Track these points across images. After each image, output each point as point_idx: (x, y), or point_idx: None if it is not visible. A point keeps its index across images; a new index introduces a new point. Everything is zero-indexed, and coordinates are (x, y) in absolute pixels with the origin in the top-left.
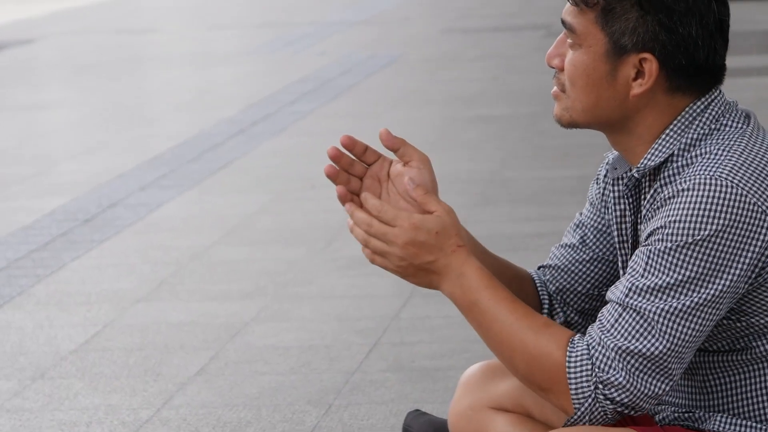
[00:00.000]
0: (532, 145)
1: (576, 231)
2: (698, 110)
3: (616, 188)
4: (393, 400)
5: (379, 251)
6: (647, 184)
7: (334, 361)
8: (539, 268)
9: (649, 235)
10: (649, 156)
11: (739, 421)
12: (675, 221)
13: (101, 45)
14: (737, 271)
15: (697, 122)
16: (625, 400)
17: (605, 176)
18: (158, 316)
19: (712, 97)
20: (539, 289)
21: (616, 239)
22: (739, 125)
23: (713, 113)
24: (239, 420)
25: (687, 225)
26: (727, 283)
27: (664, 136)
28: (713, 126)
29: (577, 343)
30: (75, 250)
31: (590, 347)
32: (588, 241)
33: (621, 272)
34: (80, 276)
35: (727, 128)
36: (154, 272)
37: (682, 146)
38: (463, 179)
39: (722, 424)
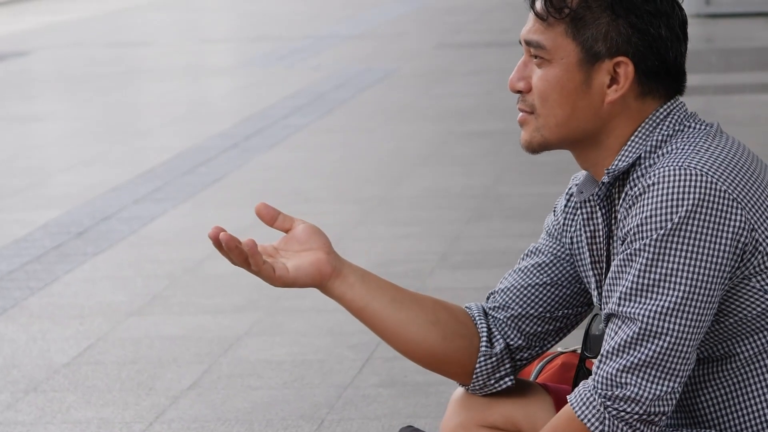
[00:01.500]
0: (525, 161)
1: (532, 256)
2: (662, 115)
3: (584, 210)
4: (386, 416)
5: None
6: (617, 191)
7: (327, 375)
8: (489, 294)
9: (625, 238)
10: (618, 159)
11: None
12: (646, 217)
13: (95, 58)
14: (715, 257)
15: (661, 125)
16: (639, 410)
17: (564, 206)
18: (151, 329)
19: (676, 103)
20: (477, 318)
21: (588, 261)
22: (703, 126)
23: (677, 117)
24: None
25: (658, 218)
26: (708, 270)
27: (630, 141)
28: (677, 128)
29: (573, 393)
30: (68, 263)
31: (588, 382)
32: (545, 266)
33: (595, 293)
34: (73, 289)
35: (691, 129)
36: (147, 286)
37: (649, 148)
38: (456, 194)
39: None
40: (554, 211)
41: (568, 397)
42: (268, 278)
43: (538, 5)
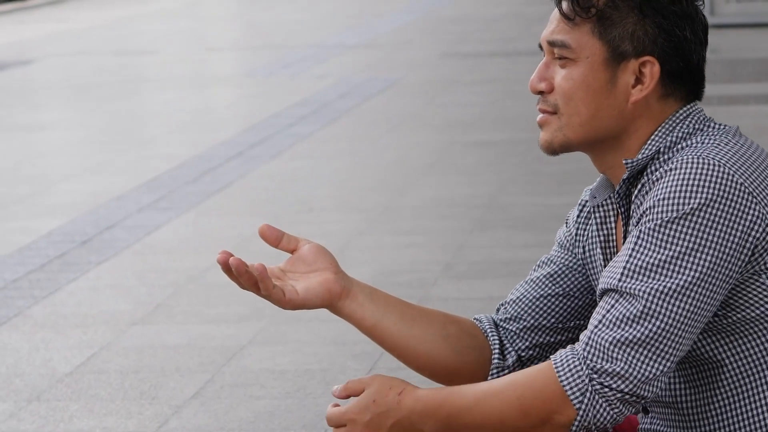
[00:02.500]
0: (529, 171)
1: (544, 267)
2: (682, 116)
3: (598, 214)
4: None
5: None
6: (634, 191)
7: (330, 385)
8: (500, 306)
9: (639, 219)
10: (640, 154)
11: None
12: (661, 199)
13: (99, 66)
14: (726, 249)
15: (681, 125)
16: (625, 388)
17: (577, 217)
18: (154, 338)
19: (695, 106)
20: (488, 330)
21: (602, 267)
22: (723, 126)
23: (697, 118)
24: None
25: (673, 200)
26: (717, 260)
27: (650, 141)
28: (697, 127)
29: (558, 354)
30: (72, 271)
31: (576, 348)
32: (557, 276)
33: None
34: (77, 298)
35: (711, 129)
36: (151, 294)
37: (668, 144)
38: (460, 204)
39: None
40: (566, 222)
41: (552, 357)
42: (278, 302)
43: (565, 5)
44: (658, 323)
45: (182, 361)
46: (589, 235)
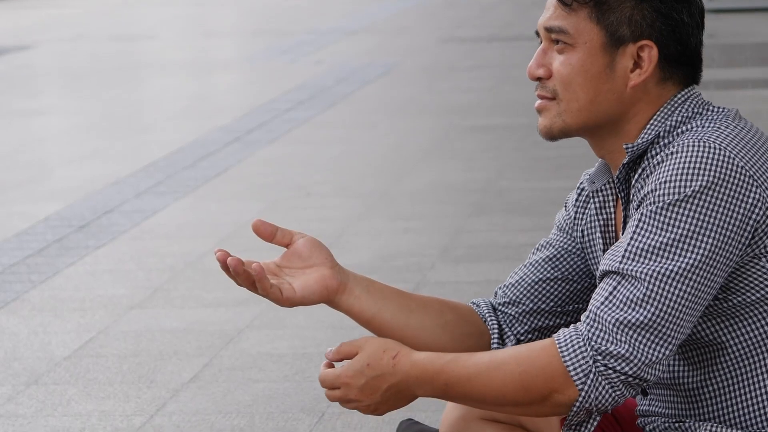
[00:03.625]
0: (527, 156)
1: (543, 250)
2: (681, 100)
3: (597, 199)
4: None
5: (351, 408)
6: (633, 175)
7: None
8: (497, 289)
9: (640, 203)
10: (639, 138)
11: (726, 430)
12: (663, 182)
13: (97, 52)
14: (728, 232)
15: (680, 109)
16: (629, 371)
17: (576, 201)
18: (152, 322)
19: (693, 90)
20: (486, 315)
21: (601, 251)
22: (723, 109)
23: (695, 102)
24: (232, 427)
25: (675, 183)
26: (718, 243)
27: (649, 125)
28: (696, 110)
29: (561, 332)
30: (70, 256)
31: (580, 328)
32: (556, 260)
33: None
34: (74, 282)
35: (710, 112)
36: (149, 279)
37: (668, 128)
38: (458, 189)
39: None
40: (565, 206)
41: (555, 336)
42: (276, 300)
43: None
44: (661, 306)
45: (180, 344)
46: (588, 219)
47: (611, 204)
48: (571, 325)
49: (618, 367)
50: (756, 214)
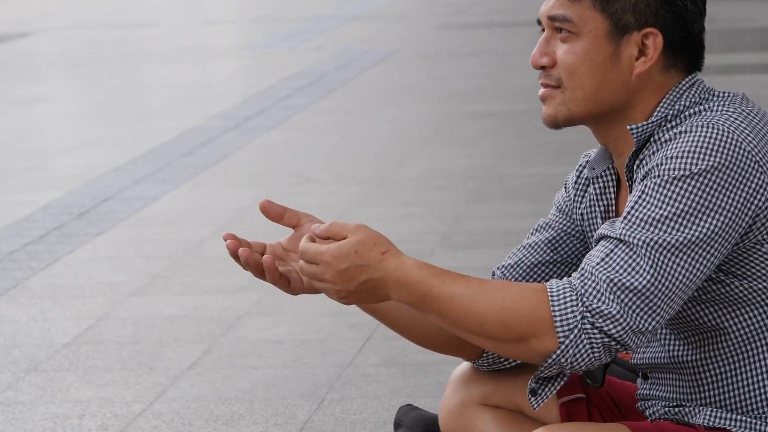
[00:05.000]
0: (527, 142)
1: (542, 232)
2: (686, 86)
3: (597, 185)
4: (385, 395)
5: (320, 289)
6: (641, 155)
7: (327, 355)
8: (494, 270)
9: (645, 176)
10: (645, 123)
11: (726, 414)
12: (671, 157)
13: (97, 39)
14: (729, 214)
15: (686, 94)
16: (615, 333)
17: (575, 182)
18: (152, 309)
19: (696, 77)
20: None
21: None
22: (729, 93)
23: (700, 87)
24: (232, 414)
25: (682, 160)
26: (719, 224)
27: (656, 112)
28: (703, 96)
29: (554, 282)
30: (69, 243)
31: (573, 282)
32: (554, 242)
33: None
34: (74, 269)
35: (717, 98)
36: (148, 266)
37: (675, 112)
38: (458, 175)
39: (711, 418)
40: (565, 186)
41: (548, 284)
42: (284, 289)
43: None
44: (656, 275)
45: (180, 331)
46: (588, 204)
47: (612, 190)
48: (565, 278)
49: (605, 328)
50: (758, 200)
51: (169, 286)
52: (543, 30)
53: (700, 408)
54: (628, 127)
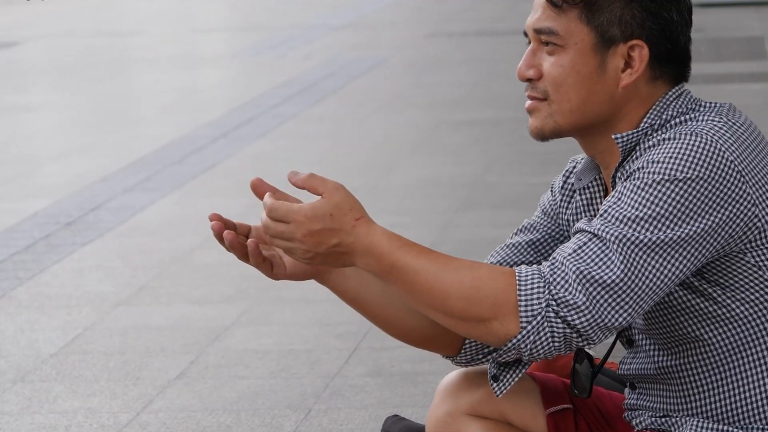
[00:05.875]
0: (515, 150)
1: (526, 233)
2: (672, 97)
3: (584, 196)
4: (372, 405)
5: (283, 249)
6: (625, 164)
7: (314, 365)
8: None
9: (627, 178)
10: (630, 133)
11: (712, 425)
12: (653, 161)
13: (86, 47)
14: (708, 222)
15: (672, 105)
16: (579, 325)
17: (562, 187)
18: (139, 319)
19: (683, 87)
20: None
21: None
22: (715, 104)
23: (687, 98)
24: (219, 424)
25: (665, 164)
26: (696, 230)
27: (642, 122)
28: (690, 106)
29: (523, 268)
30: (56, 253)
31: (543, 270)
32: (539, 245)
33: None
34: (61, 279)
35: (704, 108)
36: (135, 276)
37: (661, 122)
38: (445, 183)
39: (697, 428)
40: (551, 189)
41: (517, 269)
42: (266, 274)
43: None
44: (627, 271)
45: (167, 341)
46: (574, 211)
47: (598, 200)
48: (535, 265)
49: (569, 317)
50: (740, 210)
51: (157, 296)
52: (529, 42)
53: (687, 418)
54: (614, 137)
